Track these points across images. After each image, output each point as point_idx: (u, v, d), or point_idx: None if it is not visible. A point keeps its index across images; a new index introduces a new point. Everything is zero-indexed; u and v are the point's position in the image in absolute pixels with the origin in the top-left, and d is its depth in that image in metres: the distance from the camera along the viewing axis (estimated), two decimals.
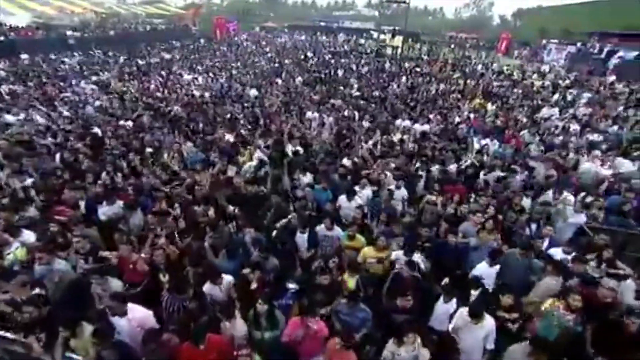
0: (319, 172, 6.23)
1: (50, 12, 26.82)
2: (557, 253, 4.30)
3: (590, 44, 26.76)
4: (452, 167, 6.80)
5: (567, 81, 17.52)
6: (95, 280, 3.42)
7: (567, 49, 27.68)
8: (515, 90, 15.37)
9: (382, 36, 26.93)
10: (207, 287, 3.73)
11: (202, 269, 3.88)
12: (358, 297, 3.55)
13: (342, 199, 5.56)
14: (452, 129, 9.00)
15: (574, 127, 10.05)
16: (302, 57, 21.51)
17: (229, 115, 9.42)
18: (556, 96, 14.49)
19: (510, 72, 20.44)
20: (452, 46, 34.96)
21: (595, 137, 9.24)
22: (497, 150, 7.89)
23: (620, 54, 22.16)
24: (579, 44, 27.39)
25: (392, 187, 5.85)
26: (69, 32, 22.73)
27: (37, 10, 25.91)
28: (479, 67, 21.52)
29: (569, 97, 13.34)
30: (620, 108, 11.96)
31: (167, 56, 21.50)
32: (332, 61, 20.45)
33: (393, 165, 6.65)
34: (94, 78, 13.66)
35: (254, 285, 3.80)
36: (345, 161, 6.62)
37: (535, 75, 19.88)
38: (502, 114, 11.00)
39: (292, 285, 3.88)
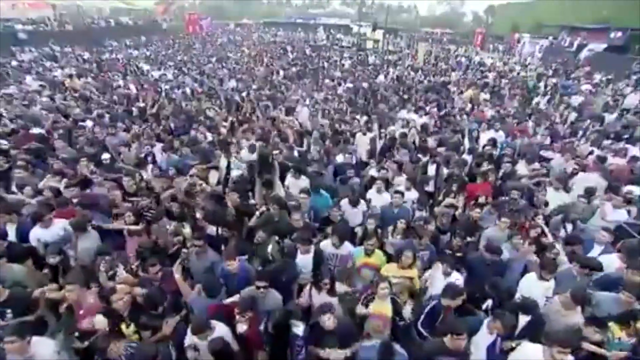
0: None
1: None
2: (612, 261, 3.58)
3: (561, 38, 27.62)
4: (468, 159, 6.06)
5: (550, 71, 17.56)
6: (10, 341, 2.31)
7: (540, 43, 28.45)
8: (503, 80, 15.14)
9: (362, 30, 26.21)
10: (189, 339, 2.73)
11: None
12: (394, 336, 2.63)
13: (345, 204, 4.66)
14: (455, 121, 8.29)
15: (573, 115, 9.72)
16: (282, 51, 20.38)
17: (207, 112, 8.27)
18: (542, 85, 14.41)
19: (493, 64, 20.43)
20: (430, 41, 34.98)
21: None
22: (506, 141, 7.25)
23: (591, 47, 22.93)
24: (550, 38, 28.15)
25: (402, 187, 5.02)
26: (19, 26, 20.36)
27: None
28: (463, 59, 21.27)
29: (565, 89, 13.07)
30: (609, 98, 11.83)
31: (135, 53, 19.75)
32: (313, 55, 19.48)
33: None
34: (48, 74, 12.01)
35: (243, 328, 2.83)
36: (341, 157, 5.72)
37: (518, 67, 20.00)
38: (497, 104, 10.51)
39: (297, 329, 2.93)
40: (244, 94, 9.59)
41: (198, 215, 3.96)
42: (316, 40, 27.63)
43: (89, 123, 7.23)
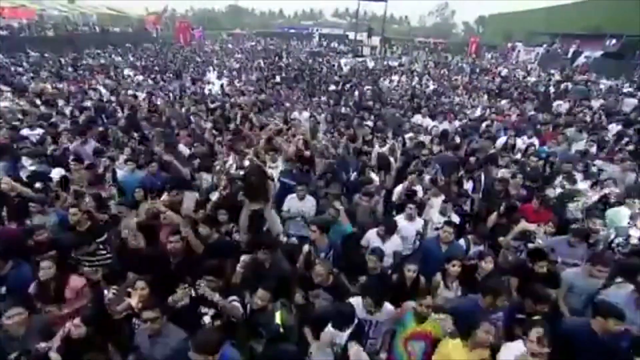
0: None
1: None
2: None
3: (556, 45, 27.70)
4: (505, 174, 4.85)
5: (558, 77, 16.87)
6: None
7: (535, 50, 28.38)
8: (510, 85, 14.30)
9: (358, 36, 25.53)
10: None
11: None
12: None
13: (372, 236, 3.40)
14: (486, 128, 7.14)
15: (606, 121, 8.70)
16: (276, 57, 19.31)
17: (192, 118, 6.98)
18: (551, 89, 13.66)
19: (496, 69, 19.76)
20: (427, 50, 34.58)
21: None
22: (543, 149, 6.12)
23: (587, 53, 22.87)
24: (544, 46, 28.12)
25: (435, 214, 3.79)
26: None
27: None
28: (464, 65, 20.54)
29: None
30: (636, 101, 10.96)
31: (118, 59, 18.51)
32: (310, 61, 18.46)
33: (427, 177, 4.61)
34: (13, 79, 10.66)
35: None
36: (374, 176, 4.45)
37: (521, 72, 19.36)
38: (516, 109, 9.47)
39: None
40: (233, 100, 8.40)
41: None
42: (312, 47, 26.79)
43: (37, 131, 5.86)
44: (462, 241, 3.65)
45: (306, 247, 2.96)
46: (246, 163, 4.33)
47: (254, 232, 3.23)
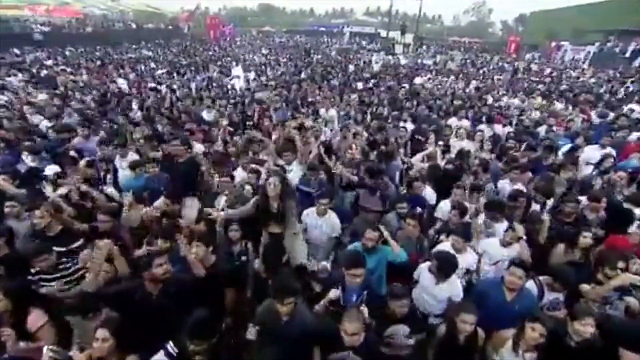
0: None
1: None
2: None
3: (612, 43, 25.14)
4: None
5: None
6: None
7: (585, 49, 25.91)
8: (563, 87, 12.71)
9: (391, 34, 24.45)
10: None
11: None
12: None
13: (425, 273, 2.61)
14: (546, 134, 6.02)
15: None
16: (304, 53, 18.69)
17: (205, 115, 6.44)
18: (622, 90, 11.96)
19: (541, 69, 18.00)
20: (463, 49, 32.65)
21: None
22: (632, 164, 4.96)
23: None
24: (597, 44, 25.54)
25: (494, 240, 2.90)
26: (36, 27, 19.92)
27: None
28: (505, 64, 18.88)
29: None
30: None
31: (148, 53, 18.73)
32: (339, 58, 17.66)
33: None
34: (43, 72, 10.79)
35: None
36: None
37: (574, 72, 17.46)
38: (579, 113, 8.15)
39: None
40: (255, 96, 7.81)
41: None
42: (341, 44, 26.01)
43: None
44: (530, 284, 2.75)
45: (334, 293, 2.17)
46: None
47: (269, 263, 2.51)
